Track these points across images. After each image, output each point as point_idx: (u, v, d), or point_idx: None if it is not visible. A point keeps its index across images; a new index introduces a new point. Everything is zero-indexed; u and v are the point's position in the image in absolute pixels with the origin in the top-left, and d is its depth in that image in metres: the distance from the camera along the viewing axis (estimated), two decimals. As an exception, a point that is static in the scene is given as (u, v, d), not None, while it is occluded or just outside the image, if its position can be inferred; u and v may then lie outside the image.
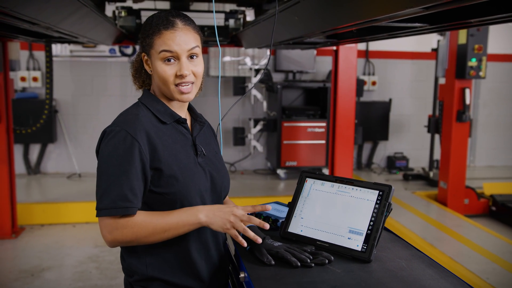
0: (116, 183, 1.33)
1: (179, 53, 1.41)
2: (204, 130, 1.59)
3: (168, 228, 1.36)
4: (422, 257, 1.47)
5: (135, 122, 1.40)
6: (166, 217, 1.37)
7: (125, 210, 1.33)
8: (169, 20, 1.42)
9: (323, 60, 6.85)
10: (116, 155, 1.35)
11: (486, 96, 7.44)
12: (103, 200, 1.34)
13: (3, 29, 3.25)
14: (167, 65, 1.42)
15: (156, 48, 1.41)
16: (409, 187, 6.15)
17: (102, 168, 1.37)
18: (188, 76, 1.43)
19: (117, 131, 1.37)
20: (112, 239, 1.35)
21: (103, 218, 1.35)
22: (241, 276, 1.42)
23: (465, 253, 3.91)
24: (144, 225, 1.35)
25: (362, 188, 1.51)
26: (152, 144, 1.40)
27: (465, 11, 2.03)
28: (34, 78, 6.20)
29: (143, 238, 1.36)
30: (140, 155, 1.36)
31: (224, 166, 1.62)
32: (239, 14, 4.24)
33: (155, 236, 1.36)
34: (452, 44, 5.28)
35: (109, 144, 1.37)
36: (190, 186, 1.43)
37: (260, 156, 6.89)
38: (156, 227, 1.36)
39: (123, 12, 4.05)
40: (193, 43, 1.43)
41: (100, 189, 1.35)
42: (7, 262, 4.07)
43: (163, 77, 1.42)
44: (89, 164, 6.36)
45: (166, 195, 1.41)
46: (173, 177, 1.41)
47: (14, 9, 1.80)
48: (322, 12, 2.27)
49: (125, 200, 1.33)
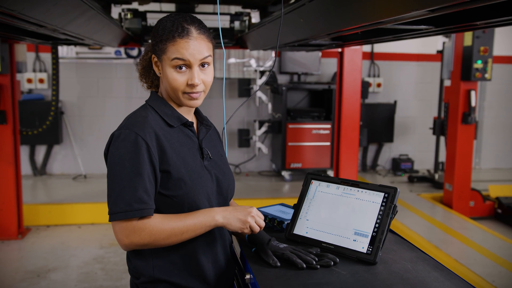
0: (130, 185, 1.33)
1: (191, 62, 1.40)
2: (210, 133, 1.60)
3: (186, 230, 1.37)
4: (428, 259, 1.47)
5: (144, 124, 1.40)
6: (183, 219, 1.37)
7: (142, 212, 1.32)
8: (184, 27, 1.40)
9: (328, 62, 6.85)
10: (127, 158, 1.34)
11: (491, 98, 7.42)
12: (117, 203, 1.32)
13: (11, 31, 3.28)
14: (178, 73, 1.41)
15: (169, 54, 1.40)
16: (414, 189, 6.13)
17: (114, 171, 1.35)
18: (198, 86, 1.43)
19: (127, 133, 1.37)
20: (129, 243, 1.34)
21: (119, 222, 1.33)
22: (246, 278, 1.42)
23: (470, 255, 3.89)
24: (162, 227, 1.35)
25: (368, 190, 1.51)
26: (161, 146, 1.40)
27: (471, 14, 2.03)
28: (41, 80, 6.23)
29: (161, 241, 1.36)
30: (150, 157, 1.36)
31: (229, 169, 1.62)
32: (244, 16, 4.25)
33: (173, 238, 1.36)
34: (457, 46, 5.27)
35: (120, 147, 1.36)
36: (197, 189, 1.43)
37: (265, 157, 6.90)
38: (174, 230, 1.36)
39: (129, 14, 4.07)
40: (206, 52, 1.43)
41: (113, 193, 1.34)
42: (13, 263, 4.10)
43: (173, 84, 1.42)
44: (94, 166, 6.39)
45: (174, 198, 1.41)
46: (181, 180, 1.41)
47: (22, 11, 1.82)
48: (328, 14, 2.28)
49: (141, 202, 1.33)
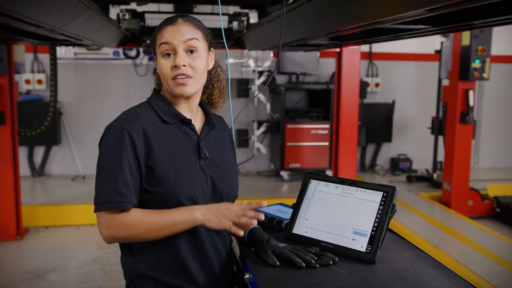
0: (112, 178, 1.36)
1: (175, 45, 1.42)
2: (214, 134, 1.58)
3: (164, 225, 1.37)
4: (426, 258, 1.47)
5: (133, 119, 1.43)
6: (162, 215, 1.38)
7: (120, 205, 1.34)
8: (172, 18, 1.47)
9: (326, 62, 6.86)
10: (112, 151, 1.38)
11: (489, 98, 7.43)
12: (100, 194, 1.36)
13: (9, 32, 3.27)
14: (165, 59, 1.44)
15: (157, 43, 1.46)
16: (412, 188, 6.14)
17: (100, 163, 1.40)
18: (184, 68, 1.42)
19: (115, 127, 1.40)
20: (109, 235, 1.36)
21: (101, 213, 1.36)
22: (246, 277, 1.42)
23: (469, 254, 3.90)
24: (141, 222, 1.36)
25: (366, 190, 1.52)
26: (148, 142, 1.41)
27: (469, 13, 2.04)
28: (39, 81, 6.22)
29: (140, 235, 1.37)
30: (135, 151, 1.38)
31: (233, 172, 1.60)
32: (242, 16, 4.26)
33: (151, 234, 1.37)
34: (455, 45, 5.28)
35: (108, 140, 1.40)
36: (183, 187, 1.42)
37: (263, 158, 6.90)
38: (152, 225, 1.36)
39: (127, 14, 4.08)
40: (189, 34, 1.44)
41: (98, 184, 1.38)
42: (12, 264, 4.09)
43: (162, 71, 1.45)
44: (93, 166, 6.32)
45: (157, 195, 1.41)
46: (165, 177, 1.41)
47: (21, 12, 1.82)
48: (326, 14, 2.28)
49: (120, 195, 1.35)
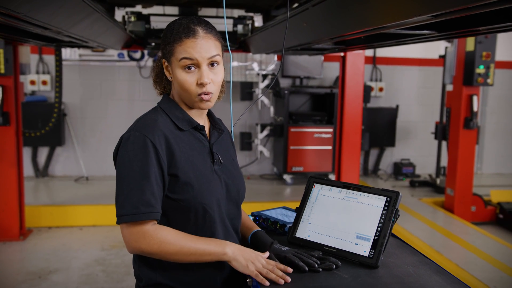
0: (138, 188, 1.33)
1: (199, 61, 1.40)
2: (222, 137, 1.58)
3: (194, 252, 1.35)
4: (429, 264, 1.47)
5: (154, 127, 1.40)
6: (195, 241, 1.36)
7: (149, 216, 1.32)
8: (190, 28, 1.40)
9: (330, 66, 6.86)
10: (136, 160, 1.35)
11: (493, 103, 7.41)
12: (125, 205, 1.32)
13: (15, 33, 3.29)
14: (187, 73, 1.41)
15: (177, 55, 1.41)
16: (415, 193, 6.12)
17: (123, 173, 1.36)
18: (209, 86, 1.42)
19: (137, 136, 1.37)
20: (137, 247, 1.34)
21: (128, 225, 1.33)
22: (248, 281, 1.42)
23: (471, 260, 3.88)
24: (172, 242, 1.33)
25: (370, 194, 1.52)
26: (170, 149, 1.39)
27: (474, 19, 2.04)
28: (44, 82, 6.24)
29: (167, 255, 1.34)
30: (159, 160, 1.36)
31: (240, 173, 1.61)
32: (247, 20, 4.27)
33: (179, 256, 1.35)
34: (460, 51, 5.27)
35: (129, 149, 1.36)
36: (205, 193, 1.42)
37: (266, 161, 6.90)
38: (183, 248, 1.34)
39: (133, 17, 4.09)
40: (214, 51, 1.42)
41: (121, 195, 1.34)
42: (15, 264, 4.10)
43: (184, 86, 1.42)
44: (96, 168, 6.40)
45: (180, 202, 1.40)
46: (189, 184, 1.40)
47: (27, 14, 1.83)
48: (331, 19, 2.29)
49: (148, 205, 1.32)
